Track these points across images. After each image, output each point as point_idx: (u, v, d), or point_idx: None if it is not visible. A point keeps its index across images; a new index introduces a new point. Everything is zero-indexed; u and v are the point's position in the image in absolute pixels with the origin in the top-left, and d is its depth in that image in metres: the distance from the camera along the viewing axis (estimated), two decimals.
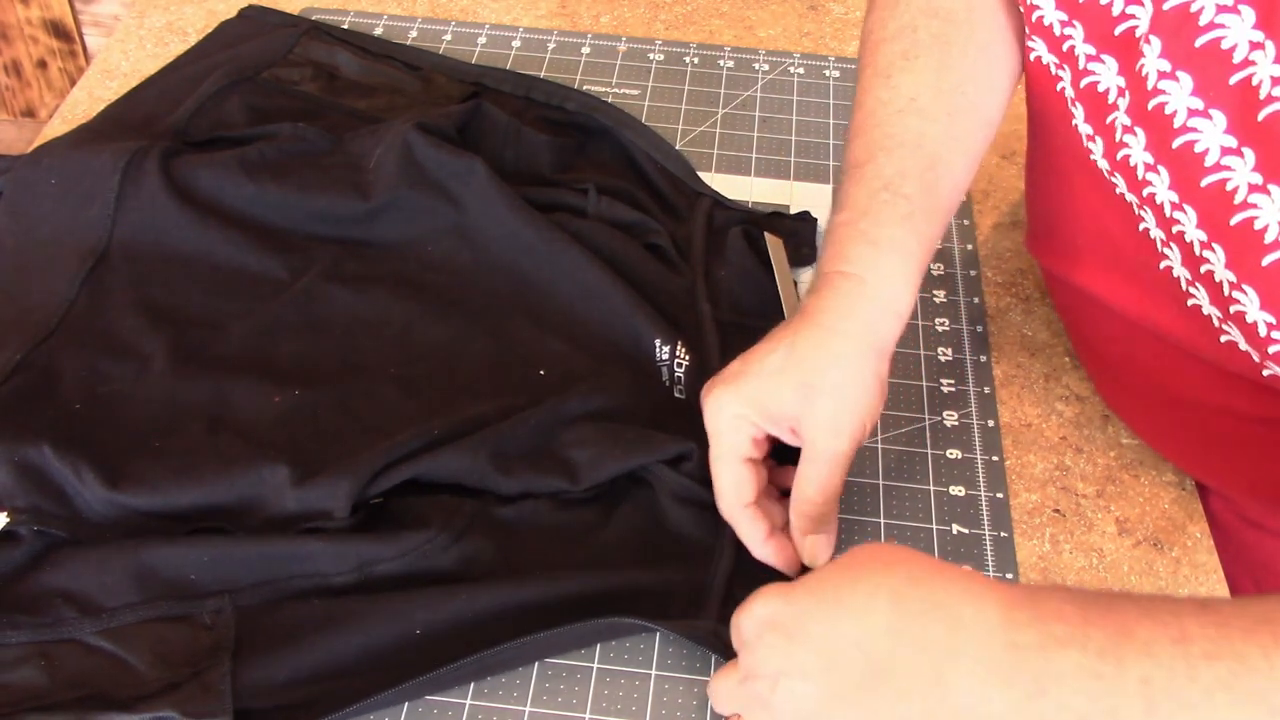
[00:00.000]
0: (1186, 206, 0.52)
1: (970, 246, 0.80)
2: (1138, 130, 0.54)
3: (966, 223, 0.81)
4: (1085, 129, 0.58)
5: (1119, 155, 0.56)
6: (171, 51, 0.90)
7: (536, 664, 0.56)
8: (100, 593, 0.56)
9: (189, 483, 0.60)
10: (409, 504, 0.61)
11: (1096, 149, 0.58)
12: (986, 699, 0.42)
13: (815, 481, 0.57)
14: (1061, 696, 0.41)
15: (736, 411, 0.57)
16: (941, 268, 0.78)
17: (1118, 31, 0.54)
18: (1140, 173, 0.54)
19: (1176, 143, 0.51)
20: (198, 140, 0.79)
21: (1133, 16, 0.53)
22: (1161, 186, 0.53)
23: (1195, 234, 0.52)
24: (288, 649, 0.55)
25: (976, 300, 0.76)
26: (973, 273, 0.78)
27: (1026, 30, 0.60)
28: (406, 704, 0.55)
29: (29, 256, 0.72)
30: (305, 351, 0.68)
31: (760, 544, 0.58)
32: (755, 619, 0.49)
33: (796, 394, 0.56)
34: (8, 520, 0.57)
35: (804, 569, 0.59)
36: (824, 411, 0.56)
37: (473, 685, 0.55)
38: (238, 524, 0.59)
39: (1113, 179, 0.57)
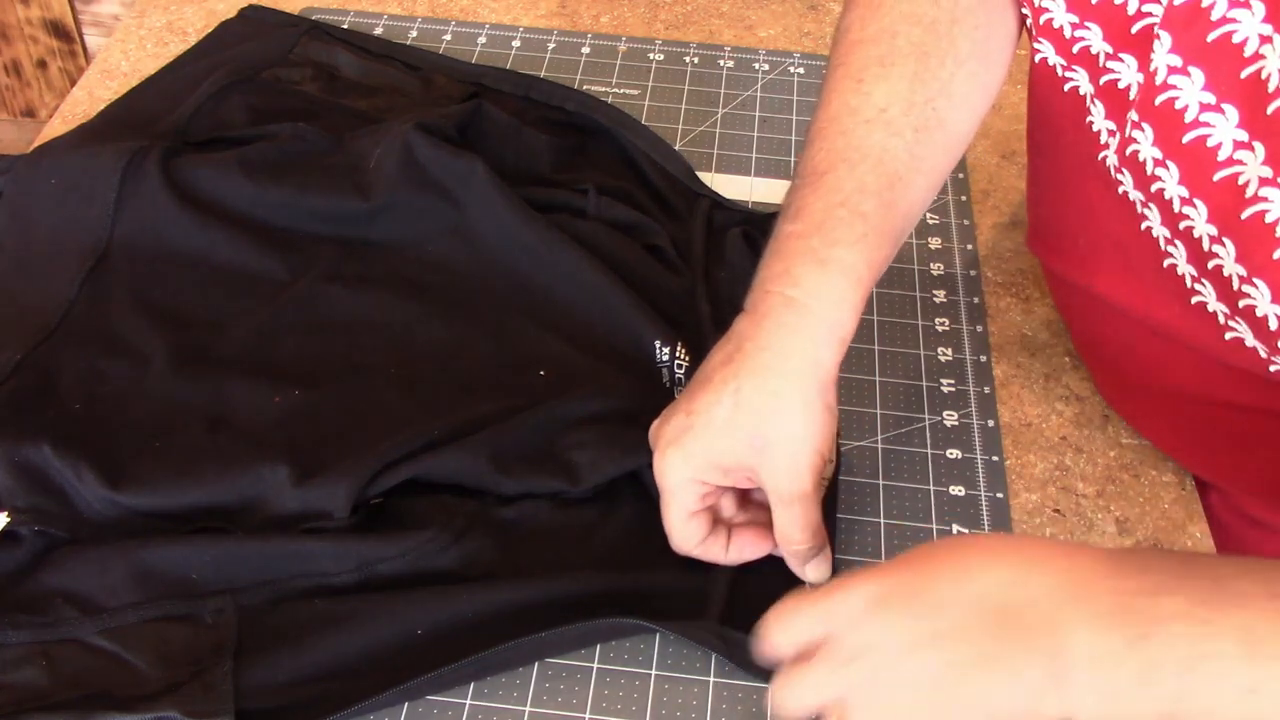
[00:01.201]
0: (1197, 201, 0.52)
1: (970, 246, 0.80)
2: (1145, 126, 0.54)
3: (966, 223, 0.81)
4: (1107, 124, 0.58)
5: (1128, 151, 0.56)
6: (171, 51, 0.90)
7: (536, 664, 0.56)
8: (101, 592, 0.56)
9: (189, 483, 0.60)
10: (409, 504, 0.61)
11: (1112, 145, 0.58)
12: (1100, 642, 0.44)
13: (793, 524, 0.57)
14: (1166, 640, 0.43)
15: (687, 475, 0.56)
16: (941, 268, 0.78)
17: (1135, 30, 0.54)
18: (1149, 168, 0.54)
19: (1187, 138, 0.51)
20: (198, 140, 0.79)
21: (1149, 15, 0.53)
22: (1171, 182, 0.53)
23: (1205, 229, 0.53)
24: (289, 649, 0.55)
25: (976, 300, 0.76)
26: (973, 273, 0.78)
27: (1032, 32, 0.60)
28: (406, 704, 0.55)
29: (29, 256, 0.72)
30: (305, 352, 0.68)
31: (724, 559, 0.59)
32: (865, 596, 0.48)
33: (749, 447, 0.55)
34: (8, 520, 0.57)
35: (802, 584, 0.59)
36: (780, 460, 0.55)
37: (473, 685, 0.56)
38: (238, 524, 0.59)
39: (1119, 176, 0.57)
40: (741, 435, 0.55)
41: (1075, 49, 0.58)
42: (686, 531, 0.58)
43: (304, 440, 0.62)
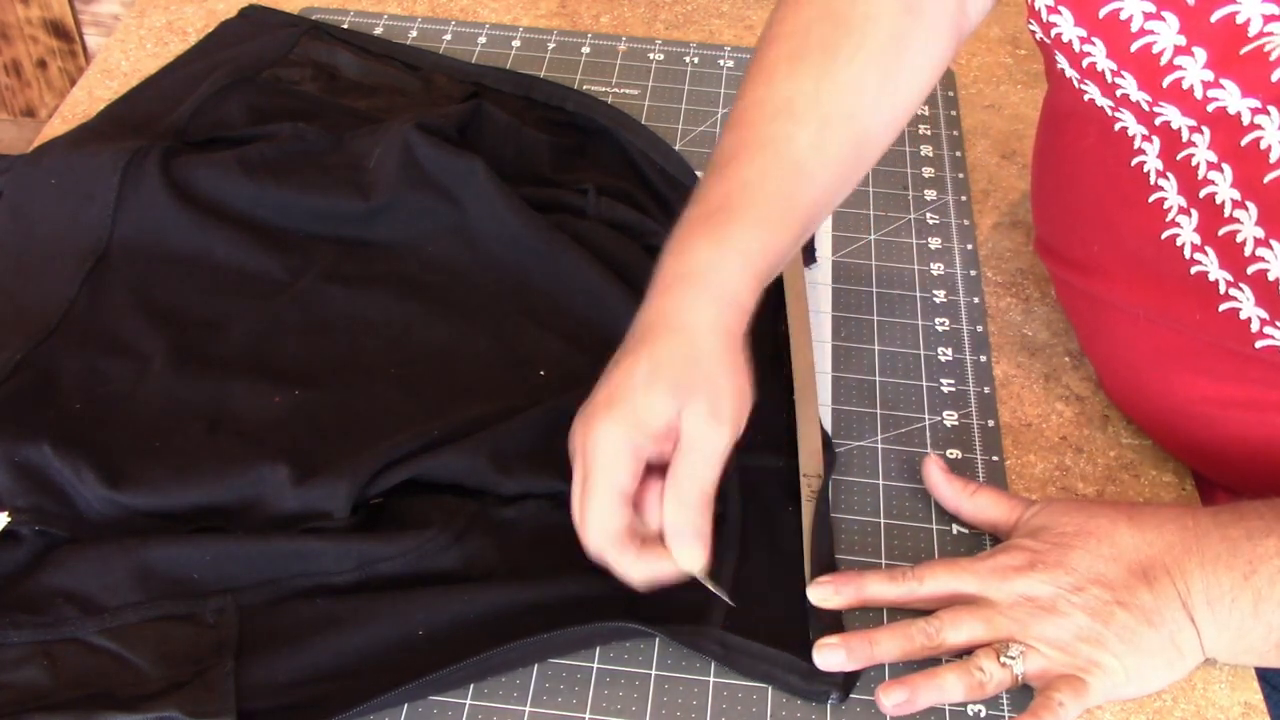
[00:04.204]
0: (1249, 204, 0.53)
1: (970, 246, 0.80)
2: (1204, 129, 0.54)
3: (966, 223, 0.81)
4: (1140, 129, 0.59)
5: (1179, 155, 0.56)
6: (171, 51, 0.90)
7: (537, 664, 0.56)
8: (102, 592, 0.56)
9: (189, 483, 0.60)
10: (409, 504, 0.61)
11: (1150, 151, 0.58)
12: (1214, 582, 0.54)
13: (693, 476, 0.53)
14: (1269, 572, 0.53)
15: (619, 438, 0.53)
16: (941, 268, 0.78)
17: (1134, 48, 0.55)
18: (1202, 172, 0.55)
19: (1244, 140, 0.53)
20: (198, 140, 0.79)
21: (1152, 32, 0.54)
22: (1224, 185, 0.54)
23: (1252, 231, 0.53)
24: (290, 649, 0.55)
25: (976, 300, 0.76)
26: (973, 273, 0.78)
27: (1048, 42, 0.60)
28: (406, 704, 0.55)
29: (29, 256, 0.72)
30: (305, 351, 0.68)
31: (633, 567, 0.54)
32: (1013, 561, 0.56)
33: (672, 398, 0.53)
34: (8, 520, 0.57)
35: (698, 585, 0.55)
36: (702, 405, 0.54)
37: (473, 685, 0.56)
38: (238, 524, 0.59)
39: (1162, 182, 0.58)
40: (663, 388, 0.54)
41: (1084, 64, 0.58)
42: (613, 515, 0.53)
43: (304, 440, 0.62)
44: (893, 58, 0.63)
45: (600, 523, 0.53)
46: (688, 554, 0.54)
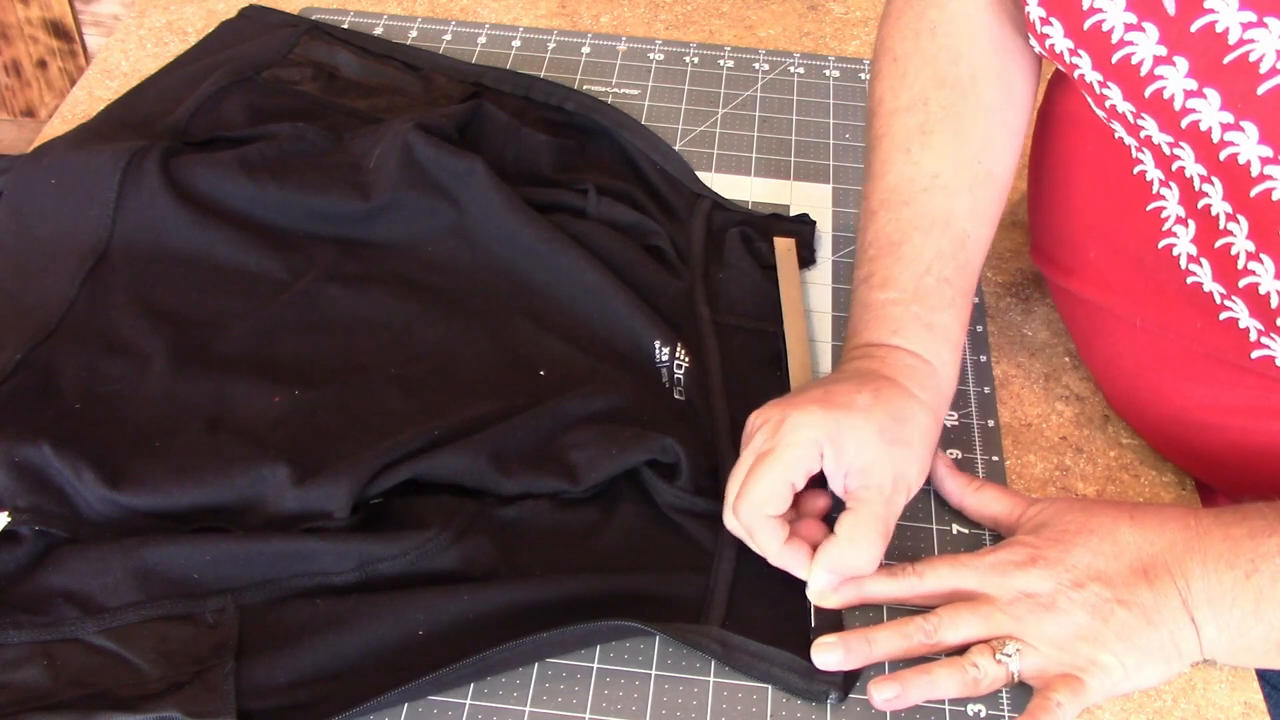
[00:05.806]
0: (1240, 217, 0.54)
1: None
2: (1184, 145, 0.55)
3: None
4: (1132, 141, 0.59)
5: (1174, 167, 0.57)
6: (171, 51, 0.91)
7: (536, 664, 0.56)
8: (102, 592, 0.56)
9: (189, 483, 0.60)
10: (409, 504, 0.61)
11: (1147, 161, 0.59)
12: (1215, 581, 0.54)
13: (871, 517, 0.56)
14: (1270, 572, 0.53)
15: (818, 433, 0.56)
16: None
17: (1115, 59, 0.55)
18: (1196, 184, 0.56)
19: (1223, 155, 0.52)
20: (198, 140, 0.79)
21: (1131, 43, 0.54)
22: (1215, 197, 0.55)
23: (1244, 244, 0.54)
24: (290, 649, 0.55)
25: (976, 300, 0.76)
26: None
27: (1043, 54, 0.61)
28: (406, 704, 0.55)
29: (29, 256, 0.72)
30: (305, 351, 0.68)
31: (777, 551, 0.57)
32: (1016, 558, 0.56)
33: (877, 439, 0.57)
34: (8, 520, 0.57)
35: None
36: (899, 462, 0.57)
37: (473, 685, 0.56)
38: (238, 524, 0.59)
39: (1164, 190, 0.58)
40: (875, 425, 0.57)
41: (1075, 75, 0.58)
42: (776, 497, 0.56)
43: (304, 440, 0.62)
44: (1006, 103, 0.66)
45: (762, 496, 0.56)
46: (816, 591, 0.57)
